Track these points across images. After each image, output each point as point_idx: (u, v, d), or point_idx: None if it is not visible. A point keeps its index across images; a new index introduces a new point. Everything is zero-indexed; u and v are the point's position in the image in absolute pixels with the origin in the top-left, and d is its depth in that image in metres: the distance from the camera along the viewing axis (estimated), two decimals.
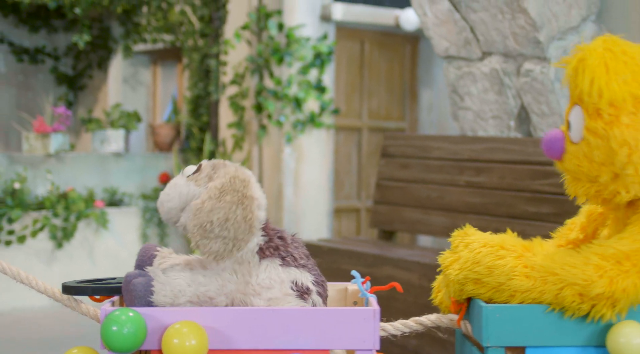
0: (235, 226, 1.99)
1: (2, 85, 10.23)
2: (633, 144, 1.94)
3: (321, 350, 2.02)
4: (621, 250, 1.95)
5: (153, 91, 10.06)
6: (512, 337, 2.02)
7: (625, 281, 1.92)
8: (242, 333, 2.00)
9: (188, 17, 8.73)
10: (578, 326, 1.99)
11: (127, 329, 1.93)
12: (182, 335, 1.92)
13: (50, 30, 10.36)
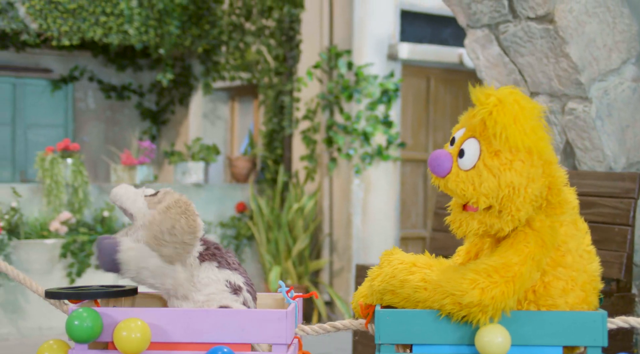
0: (181, 232, 2.52)
1: (92, 121, 10.95)
2: (516, 186, 2.35)
3: (244, 344, 2.48)
4: (491, 265, 2.34)
5: (231, 126, 10.62)
6: (400, 336, 2.45)
7: (494, 290, 2.30)
8: (179, 329, 2.49)
9: (264, 56, 9.28)
10: (455, 328, 2.40)
11: (87, 324, 2.43)
12: (129, 329, 2.42)
13: (135, 69, 11.05)
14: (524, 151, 2.37)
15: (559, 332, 2.38)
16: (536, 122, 2.40)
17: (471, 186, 2.39)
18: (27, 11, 8.84)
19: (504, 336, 2.33)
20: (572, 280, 2.43)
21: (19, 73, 10.43)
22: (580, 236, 2.50)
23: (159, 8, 9.44)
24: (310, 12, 8.75)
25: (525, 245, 2.36)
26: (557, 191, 2.48)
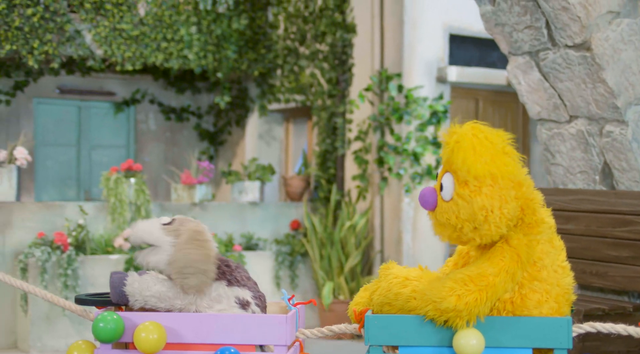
0: (199, 262, 2.84)
1: (153, 142, 11.40)
2: (489, 208, 2.66)
3: (248, 345, 2.81)
4: (467, 274, 2.64)
5: (285, 146, 10.98)
6: (387, 338, 2.77)
7: (468, 297, 2.59)
8: (191, 331, 2.83)
9: (317, 79, 9.62)
10: (435, 331, 2.71)
11: (110, 326, 2.78)
12: (147, 331, 2.77)
13: (194, 92, 11.49)
14: (488, 177, 2.70)
15: (528, 335, 2.68)
16: (497, 151, 2.72)
17: (453, 215, 2.73)
18: (93, 38, 9.32)
19: (478, 338, 2.64)
20: (547, 293, 2.73)
21: (84, 96, 10.94)
22: (556, 253, 2.80)
23: (217, 34, 9.85)
24: (362, 37, 9.08)
25: (501, 259, 2.66)
26: (532, 211, 2.77)
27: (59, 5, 9.08)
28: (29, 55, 8.99)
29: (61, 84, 10.77)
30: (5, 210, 8.04)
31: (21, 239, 8.05)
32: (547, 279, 2.74)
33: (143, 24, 9.59)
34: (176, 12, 9.72)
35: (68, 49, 9.22)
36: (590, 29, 4.70)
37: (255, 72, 10.22)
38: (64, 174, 10.89)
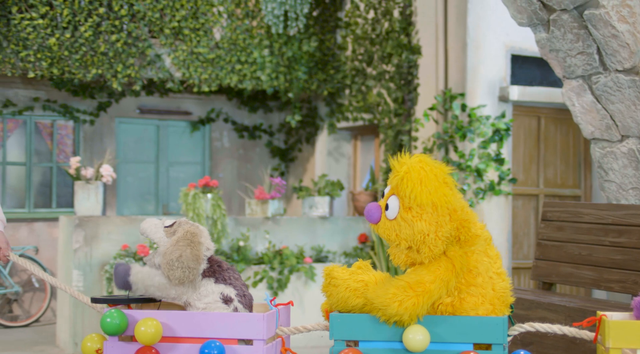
0: (187, 259, 3.29)
1: (227, 158, 11.93)
2: (426, 232, 3.07)
3: (231, 339, 3.28)
4: (407, 281, 3.05)
5: (353, 162, 11.39)
6: (348, 334, 3.21)
7: (408, 302, 3.01)
8: (183, 327, 3.31)
9: (384, 98, 10.03)
10: (388, 328, 3.14)
11: (115, 321, 3.28)
12: (146, 326, 3.24)
13: (266, 111, 12.00)
14: (429, 205, 3.11)
15: (469, 332, 3.09)
16: (439, 182, 3.13)
17: (394, 232, 3.17)
18: (172, 62, 9.89)
19: (424, 334, 3.06)
20: (482, 296, 3.14)
21: (163, 116, 11.53)
22: (491, 262, 3.21)
23: (288, 56, 10.34)
24: (426, 58, 9.46)
25: (437, 268, 3.09)
26: (467, 229, 3.16)
27: (140, 31, 9.68)
28: (113, 78, 9.59)
29: (141, 104, 11.38)
30: (92, 224, 8.62)
31: (107, 250, 8.61)
32: (482, 285, 3.16)
33: (219, 47, 10.13)
34: (250, 36, 10.25)
35: (149, 72, 9.81)
36: (638, 54, 5.02)
37: (324, 92, 10.68)
38: (144, 189, 11.48)
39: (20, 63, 9.21)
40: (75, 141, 11.07)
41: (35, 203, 10.88)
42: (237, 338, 3.27)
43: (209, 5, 10.10)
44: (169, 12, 9.86)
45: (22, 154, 10.87)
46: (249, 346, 3.28)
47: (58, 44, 9.29)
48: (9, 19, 9.12)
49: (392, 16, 9.93)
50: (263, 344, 3.24)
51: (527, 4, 5.45)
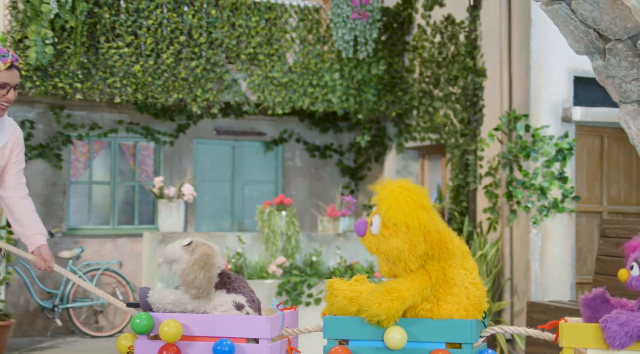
0: (200, 282, 3.80)
1: (299, 177, 12.43)
2: (400, 250, 3.49)
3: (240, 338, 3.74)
4: (387, 287, 3.49)
5: (421, 181, 11.77)
6: (339, 334, 3.67)
7: (385, 304, 3.45)
8: (199, 327, 3.80)
9: (451, 119, 10.41)
10: (373, 329, 3.57)
11: (143, 322, 3.79)
12: (169, 326, 3.76)
13: (336, 131, 12.47)
14: (403, 225, 3.52)
15: (442, 333, 3.51)
16: (415, 205, 3.52)
17: (375, 246, 3.60)
18: (248, 86, 10.44)
19: (402, 334, 3.49)
20: (458, 304, 3.56)
21: (238, 137, 12.09)
22: (467, 274, 3.61)
23: (358, 79, 10.81)
24: (491, 81, 9.82)
25: (414, 278, 3.51)
26: (441, 248, 3.56)
27: (218, 58, 10.25)
28: (193, 102, 10.18)
29: (218, 125, 11.96)
30: (174, 239, 9.18)
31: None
32: (457, 294, 3.57)
33: (292, 72, 10.65)
34: (321, 61, 10.74)
35: (226, 95, 10.38)
36: None
37: (392, 113, 11.10)
38: (220, 207, 12.04)
39: (107, 89, 9.85)
40: (156, 161, 11.69)
41: (119, 220, 11.51)
42: (245, 337, 3.78)
43: (283, 32, 10.63)
44: (244, 39, 10.41)
45: (107, 174, 11.53)
46: (256, 344, 3.78)
47: (142, 70, 9.91)
48: (98, 48, 9.77)
49: (458, 40, 10.33)
50: (268, 343, 3.75)
51: (584, 34, 5.82)
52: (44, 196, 11.05)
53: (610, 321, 3.30)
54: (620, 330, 3.28)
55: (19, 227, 4.45)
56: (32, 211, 4.47)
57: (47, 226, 10.91)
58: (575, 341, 3.38)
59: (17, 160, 4.42)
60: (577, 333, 3.38)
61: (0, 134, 4.34)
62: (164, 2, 10.03)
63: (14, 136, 4.40)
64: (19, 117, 10.85)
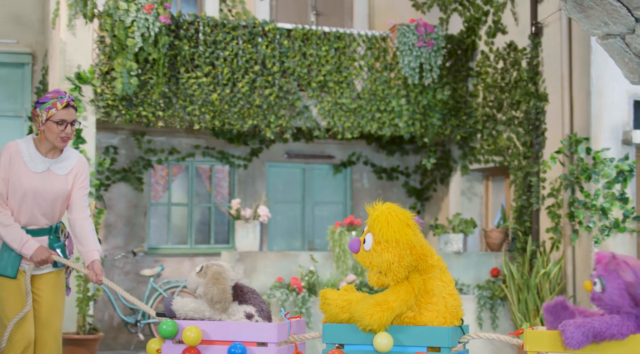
0: (217, 296, 4.33)
1: (367, 198, 12.89)
2: (391, 262, 3.99)
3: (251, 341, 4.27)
4: (377, 300, 3.98)
5: (485, 202, 12.14)
6: (336, 338, 4.19)
7: (377, 315, 3.94)
8: (217, 332, 4.33)
9: (514, 142, 10.79)
10: (363, 334, 4.08)
11: (169, 328, 4.34)
12: (190, 331, 4.30)
13: (402, 154, 12.93)
14: (393, 242, 4.04)
15: (423, 338, 4.04)
16: (402, 224, 4.05)
17: (368, 260, 4.13)
18: (318, 112, 10.98)
19: (388, 339, 4.02)
20: (437, 312, 4.07)
21: (308, 160, 12.64)
22: (445, 286, 4.13)
23: (423, 104, 11.26)
24: (553, 105, 10.19)
25: (399, 290, 4.02)
26: (424, 261, 4.08)
27: (290, 86, 10.82)
28: (266, 128, 10.75)
29: (289, 149, 12.51)
30: (251, 258, 9.73)
31: (264, 282, 9.69)
32: (436, 303, 4.09)
33: (360, 98, 11.16)
34: (388, 87, 11.23)
35: (298, 121, 10.93)
36: None
37: (457, 136, 11.52)
38: (291, 227, 12.58)
39: (187, 117, 10.48)
40: (231, 184, 12.29)
41: (196, 239, 12.13)
42: (255, 341, 4.34)
43: (351, 60, 11.15)
44: (315, 68, 10.96)
45: (184, 196, 12.16)
46: (265, 348, 4.33)
47: (219, 98, 10.52)
48: (178, 78, 10.41)
49: (520, 66, 10.72)
50: (275, 346, 4.31)
51: (637, 66, 6.20)
52: (126, 217, 11.72)
53: (568, 324, 3.70)
54: (577, 331, 3.67)
55: (78, 244, 5.12)
56: (90, 231, 5.11)
57: (129, 246, 11.60)
58: (537, 346, 3.88)
59: (81, 186, 5.13)
60: (539, 338, 3.87)
61: (65, 163, 5.09)
62: (239, 34, 10.64)
63: (79, 165, 5.13)
64: (104, 143, 11.56)
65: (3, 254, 4.94)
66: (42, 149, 5.05)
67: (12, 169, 4.95)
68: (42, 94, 11.97)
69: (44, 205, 5.01)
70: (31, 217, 5.02)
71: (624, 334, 3.70)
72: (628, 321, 3.70)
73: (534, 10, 10.48)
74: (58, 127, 4.96)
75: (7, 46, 12.10)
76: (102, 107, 10.10)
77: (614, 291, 3.73)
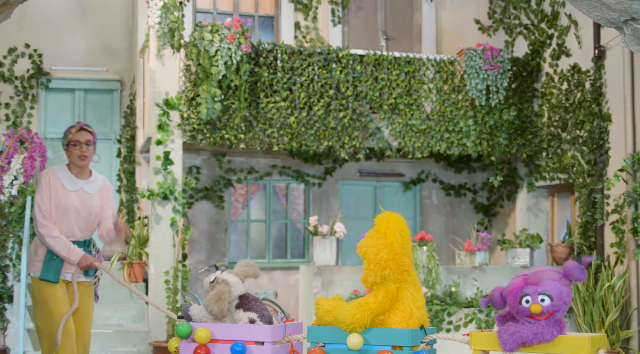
0: (215, 313, 5.01)
1: (435, 214, 13.43)
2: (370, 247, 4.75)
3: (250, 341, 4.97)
4: (358, 302, 4.61)
5: (551, 217, 12.56)
6: (319, 338, 4.83)
7: (358, 315, 4.56)
8: (222, 333, 5.04)
9: (578, 160, 11.22)
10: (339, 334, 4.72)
11: (184, 329, 5.09)
12: (201, 331, 5.04)
13: (470, 171, 13.43)
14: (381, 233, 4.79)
15: (388, 338, 4.67)
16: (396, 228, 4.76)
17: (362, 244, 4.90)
18: (390, 133, 11.57)
19: (359, 338, 4.69)
20: (402, 317, 4.71)
21: (379, 178, 13.22)
22: (414, 299, 4.76)
23: (490, 124, 11.77)
24: (616, 125, 10.62)
25: (377, 293, 4.68)
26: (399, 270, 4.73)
27: (363, 108, 11.44)
28: (341, 149, 11.38)
29: (361, 168, 13.12)
30: (328, 272, 10.34)
31: (341, 294, 10.23)
32: (404, 310, 4.74)
33: (429, 119, 11.72)
34: (456, 108, 11.78)
35: (370, 142, 11.54)
36: None
37: (523, 154, 11.99)
38: None
39: (266, 139, 11.16)
40: (306, 201, 12.95)
41: (273, 254, 12.80)
42: (254, 340, 5.07)
43: (421, 83, 11.73)
44: (386, 91, 11.57)
45: (262, 213, 12.86)
46: (262, 346, 5.07)
47: (296, 121, 11.19)
48: (258, 103, 11.11)
49: (584, 87, 11.17)
50: (270, 345, 5.04)
51: None
52: (208, 233, 12.45)
53: (503, 332, 4.44)
54: (509, 338, 4.39)
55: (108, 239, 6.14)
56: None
57: (211, 260, 12.33)
58: (479, 345, 4.60)
59: (109, 205, 6.13)
60: (481, 339, 4.58)
61: (94, 184, 6.08)
62: (314, 61, 11.31)
63: (105, 186, 6.14)
64: (187, 164, 12.33)
65: (48, 264, 5.86)
66: (73, 172, 6.02)
67: (52, 188, 5.91)
68: (129, 118, 12.81)
69: (80, 219, 5.97)
70: (69, 230, 5.97)
71: (549, 339, 4.39)
72: (552, 328, 4.39)
73: (596, 34, 10.93)
74: (75, 148, 5.94)
75: (97, 74, 12.99)
76: (188, 131, 10.84)
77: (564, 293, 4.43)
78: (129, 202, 12.65)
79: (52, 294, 5.82)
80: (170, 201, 10.56)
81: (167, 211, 10.58)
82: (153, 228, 10.56)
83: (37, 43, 12.84)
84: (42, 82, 12.81)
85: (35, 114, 12.81)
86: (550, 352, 4.39)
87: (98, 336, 10.06)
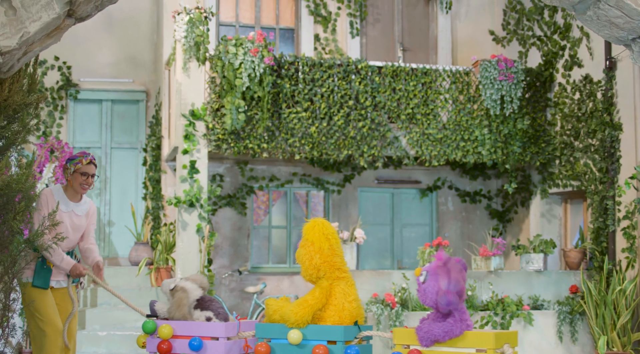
0: (177, 317, 5.73)
1: (451, 220, 13.79)
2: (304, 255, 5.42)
3: (207, 336, 5.68)
4: (299, 301, 5.24)
5: (564, 223, 12.89)
6: (265, 334, 5.46)
7: (299, 312, 5.17)
8: (182, 329, 5.73)
9: (590, 168, 11.57)
10: (282, 330, 5.37)
11: (150, 326, 5.79)
12: (164, 328, 5.72)
13: (485, 178, 13.79)
14: (309, 241, 5.41)
15: (323, 333, 5.21)
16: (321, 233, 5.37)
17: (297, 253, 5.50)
18: (407, 142, 11.96)
19: (298, 334, 5.27)
20: (335, 311, 5.27)
21: (396, 185, 13.60)
22: (346, 294, 5.33)
23: (504, 133, 12.14)
24: (627, 134, 10.97)
25: (314, 291, 5.28)
26: (330, 268, 5.33)
27: (381, 118, 11.83)
28: (360, 157, 11.77)
29: (379, 175, 13.51)
30: None
31: (361, 298, 10.60)
32: (337, 305, 5.34)
33: (445, 128, 12.10)
34: (471, 118, 12.15)
35: (388, 151, 11.92)
36: None
37: (537, 162, 12.35)
38: (381, 247, 13.54)
39: (288, 148, 11.57)
40: (325, 208, 13.34)
41: (294, 259, 13.18)
42: (209, 336, 5.70)
43: (437, 94, 12.11)
44: (404, 101, 11.96)
45: (283, 219, 13.26)
46: (216, 341, 5.68)
47: (317, 131, 11.59)
48: (280, 113, 11.52)
49: (595, 97, 11.53)
50: (224, 340, 5.66)
51: None
52: (231, 238, 12.86)
53: (419, 329, 5.16)
54: (424, 336, 5.12)
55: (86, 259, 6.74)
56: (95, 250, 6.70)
57: (234, 265, 12.74)
58: (401, 340, 5.29)
59: (92, 223, 6.70)
60: (403, 335, 5.26)
61: (83, 207, 6.61)
62: (334, 73, 11.71)
63: (91, 209, 6.70)
64: (211, 172, 12.74)
65: (39, 272, 6.40)
66: (68, 195, 6.55)
67: (50, 207, 6.45)
68: (155, 128, 13.24)
69: (68, 235, 6.49)
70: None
71: (457, 334, 5.11)
72: (461, 324, 5.12)
73: (607, 46, 11.28)
74: (81, 178, 6.50)
75: (124, 85, 13.43)
76: (213, 141, 11.26)
77: (429, 288, 5.14)
78: (154, 209, 13.06)
79: (42, 299, 6.39)
80: (196, 208, 10.97)
81: (193, 217, 10.99)
82: (180, 234, 10.98)
83: (66, 56, 13.29)
84: (71, 93, 13.27)
85: (64, 124, 13.26)
86: (459, 346, 5.08)
87: (127, 338, 10.48)
